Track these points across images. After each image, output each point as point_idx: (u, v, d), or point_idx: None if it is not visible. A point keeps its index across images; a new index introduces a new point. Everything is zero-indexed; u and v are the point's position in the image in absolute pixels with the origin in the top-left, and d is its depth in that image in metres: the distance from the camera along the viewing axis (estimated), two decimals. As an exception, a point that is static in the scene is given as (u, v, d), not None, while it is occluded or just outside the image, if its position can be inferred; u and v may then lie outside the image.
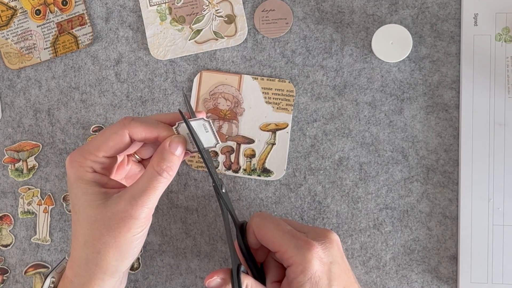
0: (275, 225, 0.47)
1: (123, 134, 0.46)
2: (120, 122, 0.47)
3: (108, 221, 0.45)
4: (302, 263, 0.45)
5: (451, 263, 0.56)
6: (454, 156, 0.56)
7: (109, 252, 0.45)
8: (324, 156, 0.57)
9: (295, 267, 0.45)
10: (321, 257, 0.46)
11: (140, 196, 0.45)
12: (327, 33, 0.57)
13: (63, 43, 0.59)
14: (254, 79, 0.58)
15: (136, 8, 0.59)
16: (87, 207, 0.46)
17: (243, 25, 0.58)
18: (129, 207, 0.45)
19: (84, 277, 0.46)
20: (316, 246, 0.46)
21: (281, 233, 0.47)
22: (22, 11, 0.59)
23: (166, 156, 0.45)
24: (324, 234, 0.47)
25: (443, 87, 0.56)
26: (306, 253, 0.45)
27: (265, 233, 0.47)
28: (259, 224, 0.48)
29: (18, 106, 0.59)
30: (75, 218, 0.47)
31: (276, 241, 0.47)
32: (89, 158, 0.47)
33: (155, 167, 0.45)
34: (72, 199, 0.47)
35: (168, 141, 0.46)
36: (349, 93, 0.57)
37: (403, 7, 0.56)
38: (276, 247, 0.47)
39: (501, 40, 0.55)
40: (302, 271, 0.45)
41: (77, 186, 0.46)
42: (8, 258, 0.59)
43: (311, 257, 0.45)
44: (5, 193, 0.59)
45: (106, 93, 0.59)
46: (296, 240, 0.46)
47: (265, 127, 0.57)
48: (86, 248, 0.46)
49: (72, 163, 0.47)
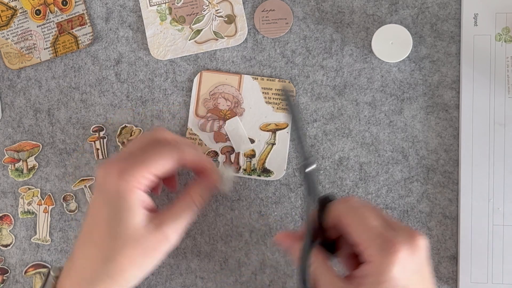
0: (361, 218, 0.44)
1: (176, 158, 0.47)
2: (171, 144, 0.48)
3: (145, 242, 0.45)
4: (381, 265, 0.41)
5: (451, 263, 0.56)
6: (454, 156, 0.56)
7: (133, 271, 0.45)
8: (324, 156, 0.57)
9: (372, 267, 0.42)
10: (404, 264, 0.41)
11: (180, 223, 0.47)
12: (327, 33, 0.57)
13: (63, 43, 0.59)
14: (254, 79, 0.58)
15: (136, 8, 0.59)
16: (127, 224, 0.45)
17: (243, 25, 0.58)
18: (170, 232, 0.47)
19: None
20: (401, 250, 0.41)
21: (366, 228, 0.43)
22: (22, 11, 0.59)
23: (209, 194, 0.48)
24: (414, 237, 0.43)
25: (443, 87, 0.56)
26: (389, 256, 0.41)
27: (349, 223, 0.44)
28: (343, 213, 0.45)
29: (18, 106, 0.59)
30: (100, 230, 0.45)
31: (360, 235, 0.43)
32: (144, 174, 0.46)
33: (195, 200, 0.48)
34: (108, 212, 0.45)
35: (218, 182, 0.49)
36: (349, 93, 0.57)
37: (403, 7, 0.56)
38: (358, 241, 0.43)
39: (501, 40, 0.55)
40: (379, 273, 0.41)
41: (125, 200, 0.45)
42: (8, 258, 0.59)
43: (393, 262, 0.41)
44: (5, 193, 0.59)
45: (106, 93, 0.59)
46: (380, 240, 0.42)
47: (265, 127, 0.57)
48: (108, 263, 0.45)
49: (124, 175, 0.45)
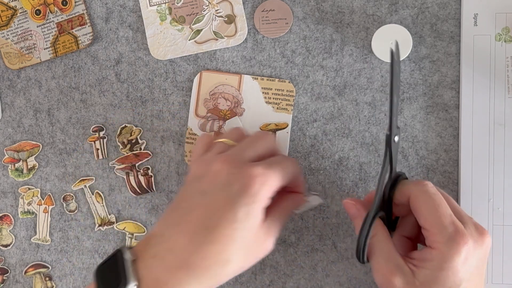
0: (436, 204, 0.45)
1: (295, 173, 0.49)
2: (294, 161, 0.50)
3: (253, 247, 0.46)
4: (447, 253, 0.44)
5: (451, 263, 0.56)
6: (454, 156, 0.56)
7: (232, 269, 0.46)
8: (324, 156, 0.57)
9: (437, 254, 0.44)
10: (467, 257, 0.44)
11: (277, 229, 0.48)
12: (327, 33, 0.57)
13: (63, 43, 0.59)
14: (254, 79, 0.58)
15: (136, 8, 0.59)
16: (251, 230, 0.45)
17: (243, 25, 0.58)
18: (272, 242, 0.47)
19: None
20: (468, 243, 0.44)
21: (440, 215, 0.45)
22: (22, 11, 0.59)
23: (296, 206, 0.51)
24: (482, 233, 0.45)
25: (443, 87, 0.56)
26: (456, 246, 0.43)
27: (422, 207, 0.46)
28: (416, 195, 0.46)
29: (18, 106, 0.59)
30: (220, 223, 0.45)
31: (431, 221, 0.45)
32: (278, 188, 0.47)
33: (286, 210, 0.49)
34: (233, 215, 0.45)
35: (306, 199, 0.52)
36: (349, 93, 0.57)
37: (403, 7, 0.56)
38: (427, 226, 0.45)
39: (501, 40, 0.55)
40: (443, 260, 0.44)
41: (258, 206, 0.45)
42: (8, 258, 0.59)
43: (458, 252, 0.44)
44: (5, 193, 0.59)
45: (106, 93, 0.59)
46: (451, 229, 0.44)
47: (265, 127, 0.57)
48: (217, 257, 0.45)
49: (269, 182, 0.46)
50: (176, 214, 0.47)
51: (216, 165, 0.47)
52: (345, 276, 0.57)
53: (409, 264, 0.45)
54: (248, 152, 0.48)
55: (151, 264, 0.45)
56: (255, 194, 0.45)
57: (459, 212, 0.47)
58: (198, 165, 0.49)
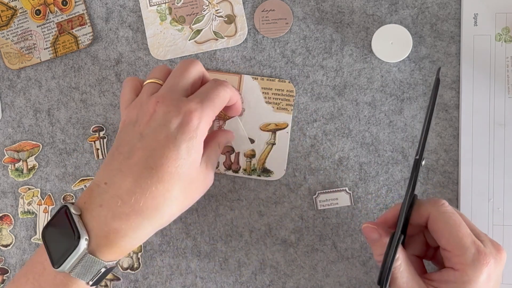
0: (457, 225, 0.45)
1: (230, 96, 0.51)
2: (223, 83, 0.50)
3: (198, 181, 0.48)
4: (471, 275, 0.44)
5: (451, 263, 0.56)
6: (454, 156, 0.56)
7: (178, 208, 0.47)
8: (324, 156, 0.57)
9: (460, 275, 0.44)
10: (489, 274, 0.44)
11: (214, 163, 0.51)
12: (327, 33, 0.57)
13: (63, 43, 0.59)
14: (254, 79, 0.58)
15: (136, 8, 0.59)
16: (193, 165, 0.47)
17: (243, 25, 0.58)
18: (212, 174, 0.50)
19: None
20: (490, 262, 0.44)
21: (462, 236, 0.45)
22: (22, 11, 0.59)
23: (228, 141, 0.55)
24: (499, 250, 0.46)
25: (443, 87, 0.56)
26: (480, 267, 0.44)
27: (443, 228, 0.45)
28: (438, 216, 0.46)
29: (18, 106, 0.60)
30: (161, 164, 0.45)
31: (453, 242, 0.45)
32: (213, 117, 0.48)
33: (221, 144, 0.53)
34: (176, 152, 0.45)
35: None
36: (349, 93, 0.57)
37: (403, 7, 0.56)
38: (449, 247, 0.45)
39: (501, 40, 0.55)
40: (468, 281, 0.44)
41: (198, 141, 0.46)
42: (8, 258, 0.59)
43: (482, 273, 0.44)
44: (5, 193, 0.59)
45: (106, 93, 0.59)
46: (474, 250, 0.44)
47: (265, 127, 0.57)
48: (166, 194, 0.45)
49: (205, 116, 0.47)
50: (116, 161, 0.46)
51: (151, 106, 0.46)
52: (345, 276, 0.57)
53: (430, 287, 0.45)
54: (179, 87, 0.48)
55: (98, 214, 0.44)
56: (194, 129, 0.45)
57: (475, 229, 0.47)
58: (131, 109, 0.48)
